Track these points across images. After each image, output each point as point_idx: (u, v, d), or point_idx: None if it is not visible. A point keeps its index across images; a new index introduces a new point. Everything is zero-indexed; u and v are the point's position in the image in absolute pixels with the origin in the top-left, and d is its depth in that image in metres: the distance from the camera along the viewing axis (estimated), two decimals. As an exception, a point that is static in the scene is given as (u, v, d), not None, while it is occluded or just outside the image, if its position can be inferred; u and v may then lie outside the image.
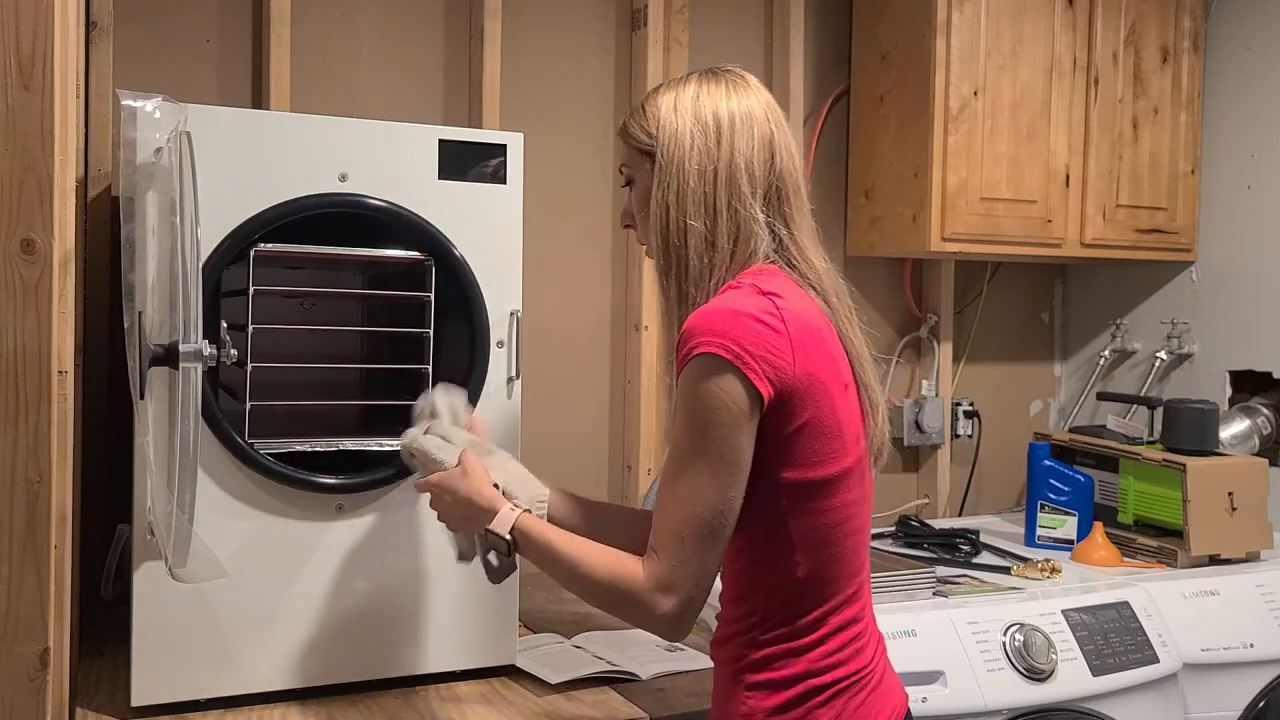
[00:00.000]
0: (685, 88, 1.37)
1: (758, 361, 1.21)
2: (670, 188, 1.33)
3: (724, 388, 1.21)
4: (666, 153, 1.34)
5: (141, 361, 1.34)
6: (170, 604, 1.57)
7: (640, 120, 1.38)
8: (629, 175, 1.42)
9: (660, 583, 1.23)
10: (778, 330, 1.23)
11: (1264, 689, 2.15)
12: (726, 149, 1.33)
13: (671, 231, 1.32)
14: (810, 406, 1.25)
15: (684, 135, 1.33)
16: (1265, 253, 2.70)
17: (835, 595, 1.31)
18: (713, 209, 1.32)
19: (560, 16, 2.49)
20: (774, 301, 1.25)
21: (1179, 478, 2.34)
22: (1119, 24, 2.71)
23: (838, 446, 1.28)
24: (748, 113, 1.36)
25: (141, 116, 1.45)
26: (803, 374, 1.24)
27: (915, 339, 2.92)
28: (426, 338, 1.71)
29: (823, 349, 1.28)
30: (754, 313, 1.23)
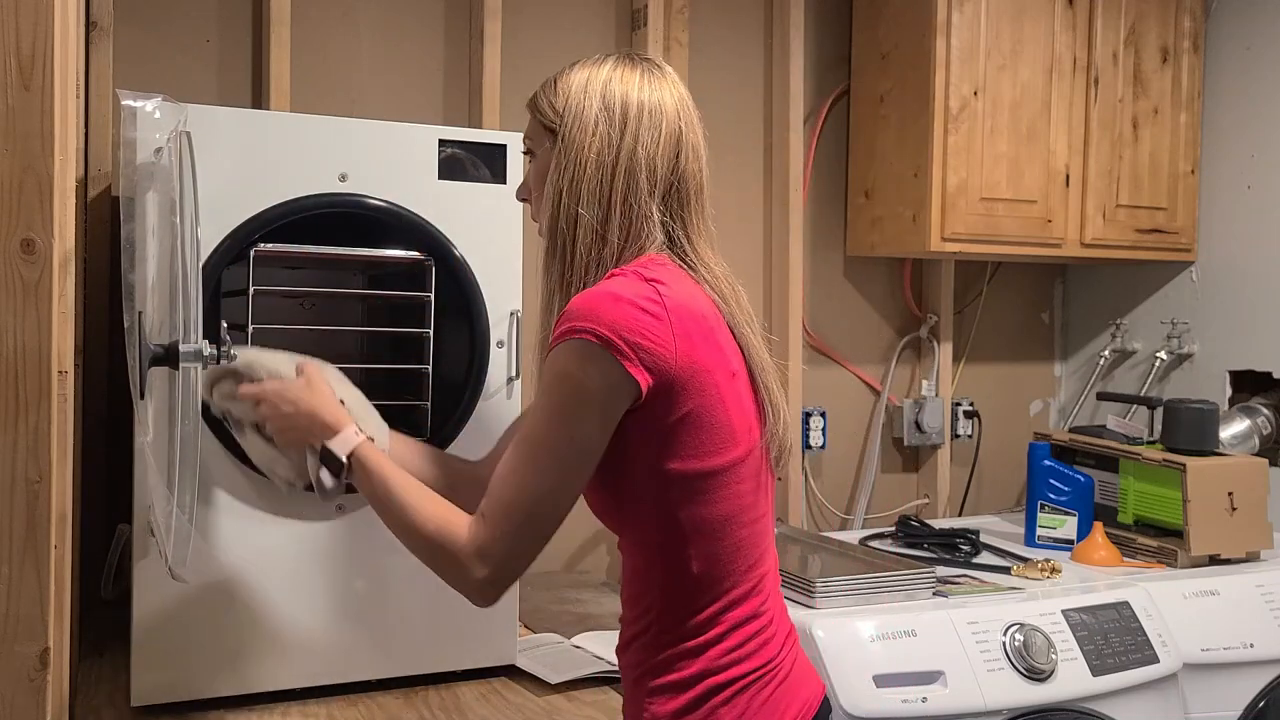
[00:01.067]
0: (600, 68, 1.32)
1: (635, 350, 1.18)
2: (566, 172, 1.29)
3: (591, 376, 1.18)
4: (568, 135, 1.29)
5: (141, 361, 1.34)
6: (170, 604, 1.57)
7: (549, 94, 1.33)
8: (530, 148, 1.37)
9: (480, 550, 1.21)
10: (658, 317, 1.19)
11: (1264, 689, 2.15)
12: (630, 140, 1.28)
13: (561, 217, 1.28)
14: (694, 395, 1.22)
15: (589, 119, 1.29)
16: (1265, 253, 2.70)
17: (732, 589, 1.27)
18: (607, 201, 1.27)
19: (560, 16, 2.49)
20: (656, 288, 1.21)
21: (1179, 478, 2.34)
22: (1119, 24, 2.71)
23: (725, 436, 1.24)
24: (658, 105, 1.30)
25: (141, 116, 1.45)
26: (685, 362, 1.20)
27: (915, 339, 2.93)
28: (426, 338, 1.71)
29: (709, 337, 1.24)
30: (634, 299, 1.19)
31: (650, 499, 1.25)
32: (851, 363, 2.86)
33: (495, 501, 1.22)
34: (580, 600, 2.21)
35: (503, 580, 1.23)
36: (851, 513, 2.86)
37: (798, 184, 2.68)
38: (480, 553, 1.22)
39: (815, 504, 2.81)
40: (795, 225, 2.67)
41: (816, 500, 2.81)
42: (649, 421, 1.22)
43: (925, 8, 2.53)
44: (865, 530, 2.68)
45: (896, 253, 2.71)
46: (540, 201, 1.34)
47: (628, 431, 1.22)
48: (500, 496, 1.22)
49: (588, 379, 1.18)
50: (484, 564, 1.22)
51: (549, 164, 1.31)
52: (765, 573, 1.32)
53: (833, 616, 1.89)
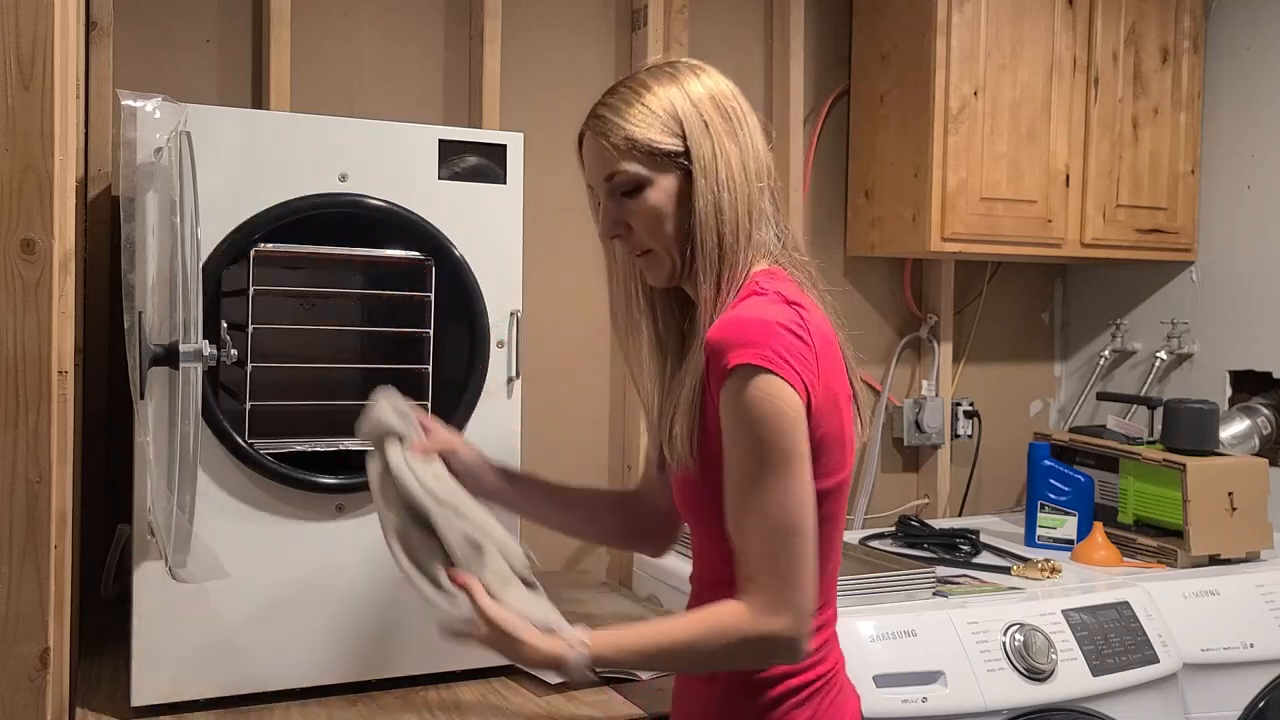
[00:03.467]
0: (684, 78, 1.29)
1: (790, 367, 1.18)
2: (716, 187, 1.26)
3: (772, 392, 1.17)
4: (703, 150, 1.26)
5: (141, 361, 1.34)
6: (170, 604, 1.57)
7: (648, 119, 1.27)
8: (635, 180, 1.28)
9: (770, 608, 1.18)
10: (806, 342, 1.21)
11: (1264, 689, 2.15)
12: (750, 138, 1.29)
13: (720, 231, 1.26)
14: (826, 420, 1.23)
15: (717, 128, 1.27)
16: (1265, 253, 2.70)
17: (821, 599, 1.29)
18: (751, 203, 1.27)
19: (560, 16, 2.49)
20: (799, 312, 1.22)
21: (1179, 478, 2.34)
22: (1119, 24, 2.71)
23: (842, 458, 1.28)
24: (747, 104, 1.32)
25: (141, 116, 1.45)
26: (824, 387, 1.23)
27: (915, 339, 2.92)
28: (426, 338, 1.71)
29: (836, 362, 1.26)
30: (785, 322, 1.20)
31: None
32: (851, 363, 2.85)
33: (751, 559, 1.20)
34: (580, 600, 2.21)
35: (805, 619, 1.20)
36: (851, 513, 2.86)
37: (798, 184, 2.68)
38: (771, 611, 1.18)
39: (815, 504, 2.81)
40: (795, 225, 2.67)
41: (816, 500, 2.81)
42: None
43: (925, 8, 2.53)
44: (865, 530, 2.68)
45: (896, 253, 2.71)
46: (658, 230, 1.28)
47: None
48: (754, 551, 1.20)
49: (771, 395, 1.18)
50: (780, 619, 1.18)
51: (673, 188, 1.27)
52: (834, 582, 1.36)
53: (833, 616, 1.89)
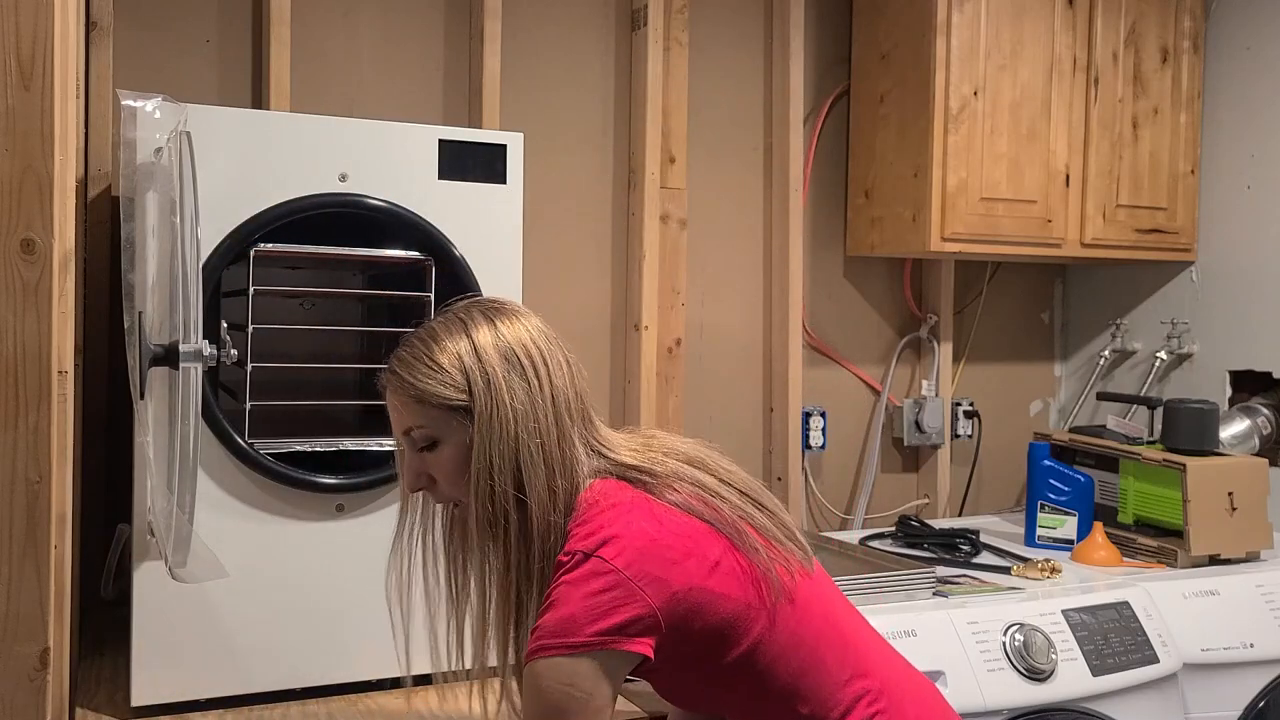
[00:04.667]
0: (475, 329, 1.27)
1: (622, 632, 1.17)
2: (494, 447, 1.23)
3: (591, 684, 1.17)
4: (485, 408, 1.23)
5: (141, 361, 1.34)
6: (170, 604, 1.57)
7: (437, 374, 1.25)
8: (428, 438, 1.27)
9: None
10: (619, 585, 1.17)
11: (1264, 689, 2.15)
12: (547, 388, 1.26)
13: (498, 494, 1.23)
14: (697, 613, 1.21)
15: (499, 383, 1.24)
16: (1265, 253, 2.70)
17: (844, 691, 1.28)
18: (548, 458, 1.24)
19: (560, 16, 2.49)
20: (602, 557, 1.18)
21: (1179, 478, 2.34)
22: (1119, 24, 2.71)
23: (743, 614, 1.23)
24: (545, 338, 1.29)
25: (141, 116, 1.45)
26: (667, 598, 1.19)
27: (915, 339, 2.92)
28: (426, 338, 1.71)
29: (666, 554, 1.20)
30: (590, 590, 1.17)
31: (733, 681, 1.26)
32: (851, 363, 2.86)
33: None
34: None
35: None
36: (851, 513, 2.86)
37: (798, 184, 2.68)
38: None
39: (815, 504, 2.81)
40: (795, 225, 2.67)
41: (816, 500, 2.81)
42: (680, 653, 1.22)
43: (925, 8, 2.53)
44: (865, 530, 2.68)
45: (896, 253, 2.71)
46: (458, 484, 1.28)
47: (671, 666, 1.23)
48: None
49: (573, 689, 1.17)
50: None
51: (465, 444, 1.25)
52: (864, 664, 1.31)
53: (833, 616, 1.88)
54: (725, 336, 2.67)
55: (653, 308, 2.52)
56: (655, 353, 2.50)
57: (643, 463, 1.30)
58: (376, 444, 1.69)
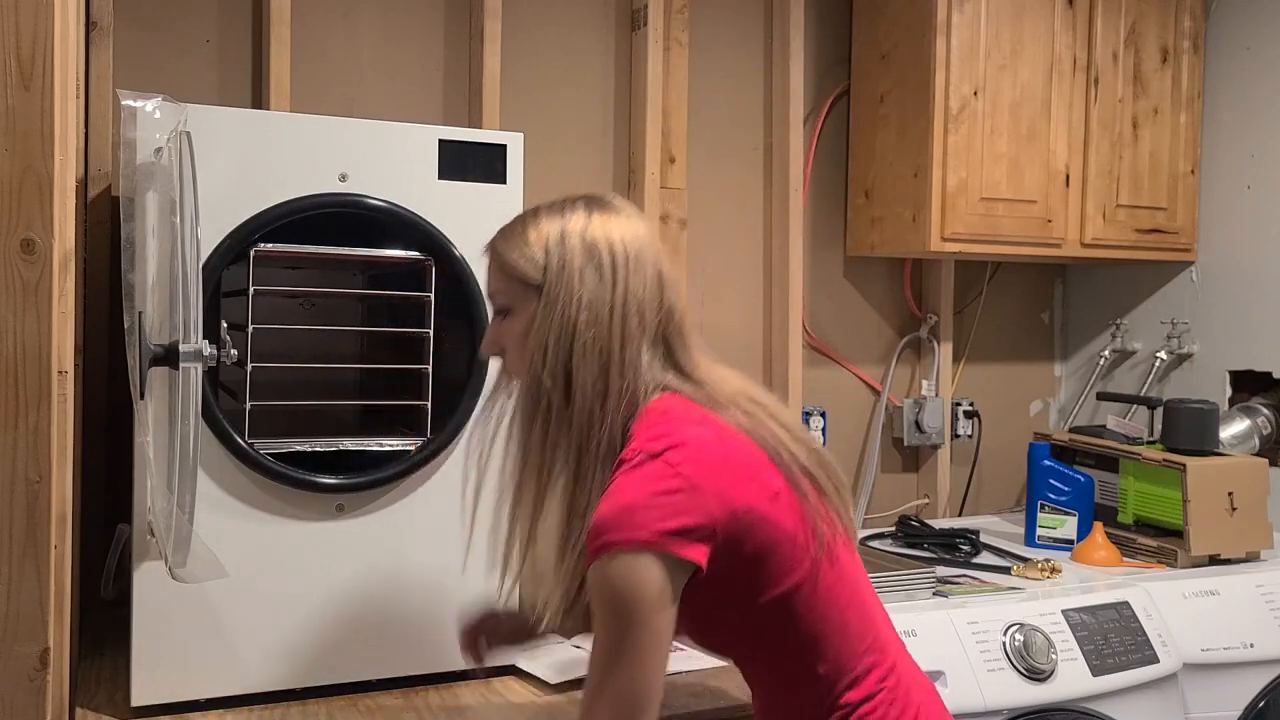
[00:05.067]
0: (573, 214, 1.30)
1: (680, 535, 1.17)
2: (553, 329, 1.25)
3: (647, 583, 1.17)
4: (554, 290, 1.26)
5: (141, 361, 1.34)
6: (170, 604, 1.57)
7: (523, 247, 1.29)
8: (504, 305, 1.32)
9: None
10: (683, 490, 1.18)
11: (1264, 689, 2.15)
12: (621, 289, 1.27)
13: (548, 373, 1.25)
14: (749, 537, 1.22)
15: (574, 271, 1.26)
16: (1265, 253, 2.70)
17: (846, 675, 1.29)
18: (604, 354, 1.25)
19: (560, 16, 2.49)
20: (668, 462, 1.20)
21: (1179, 478, 2.34)
22: (1119, 24, 2.71)
23: (788, 554, 1.24)
24: (639, 245, 1.29)
25: (141, 116, 1.45)
26: (726, 514, 1.20)
27: (915, 339, 2.92)
28: (426, 338, 1.71)
29: (736, 474, 1.22)
30: (655, 488, 1.18)
31: (760, 629, 1.27)
32: (851, 363, 2.86)
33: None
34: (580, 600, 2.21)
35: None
36: (851, 513, 2.86)
37: (798, 184, 2.68)
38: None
39: (815, 504, 2.81)
40: (795, 225, 2.67)
41: (816, 500, 2.81)
42: (724, 577, 1.22)
43: (925, 8, 2.53)
44: (865, 530, 2.68)
45: (896, 253, 2.71)
46: (521, 359, 1.30)
47: (710, 591, 1.23)
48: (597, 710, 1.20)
49: (643, 588, 1.17)
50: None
51: (531, 320, 1.28)
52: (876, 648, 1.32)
53: (833, 616, 1.89)
54: (725, 336, 2.66)
55: (653, 308, 2.51)
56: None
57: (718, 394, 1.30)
58: (376, 444, 1.69)
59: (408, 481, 1.69)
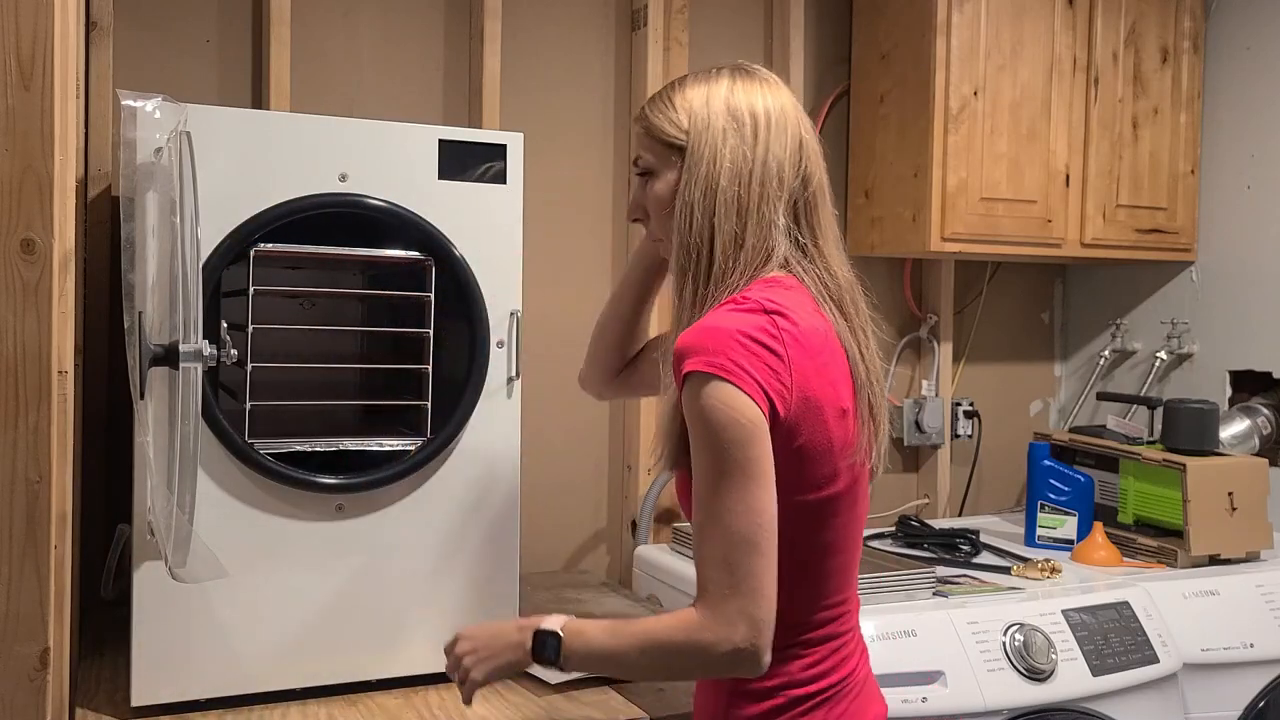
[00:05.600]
0: (717, 81, 1.33)
1: (749, 376, 1.18)
2: (698, 185, 1.29)
3: (725, 402, 1.17)
4: (698, 149, 1.30)
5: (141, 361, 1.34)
6: (170, 604, 1.57)
7: (668, 111, 1.34)
8: (648, 167, 1.36)
9: (724, 619, 1.16)
10: (774, 350, 1.21)
11: (1264, 689, 2.15)
12: (761, 149, 1.30)
13: (694, 231, 1.28)
14: (804, 431, 1.23)
15: (718, 131, 1.30)
16: (1265, 253, 2.70)
17: (820, 612, 1.30)
18: (743, 211, 1.28)
19: (560, 16, 2.49)
20: (775, 320, 1.22)
21: (1179, 478, 2.34)
22: (1119, 24, 2.71)
23: (829, 472, 1.26)
24: (781, 112, 1.33)
25: (141, 116, 1.45)
26: (799, 397, 1.22)
27: (915, 339, 2.92)
28: (426, 338, 1.71)
29: (823, 373, 1.25)
30: (748, 330, 1.20)
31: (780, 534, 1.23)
32: (851, 363, 2.85)
33: (706, 566, 1.18)
34: (580, 600, 2.21)
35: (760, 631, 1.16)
36: (851, 513, 2.86)
37: (798, 184, 2.68)
38: (722, 621, 1.16)
39: (815, 504, 2.81)
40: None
41: (816, 500, 2.81)
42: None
43: (925, 8, 2.53)
44: (865, 530, 2.67)
45: (896, 253, 2.71)
46: (665, 219, 1.34)
47: None
48: (708, 557, 1.18)
49: (724, 405, 1.18)
50: (733, 629, 1.15)
51: (675, 181, 1.32)
52: (850, 595, 1.35)
53: (833, 616, 1.88)
54: (725, 336, 2.66)
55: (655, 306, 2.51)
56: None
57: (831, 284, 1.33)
58: (376, 444, 1.69)
59: (408, 481, 1.69)
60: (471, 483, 1.73)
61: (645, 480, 2.50)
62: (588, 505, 2.54)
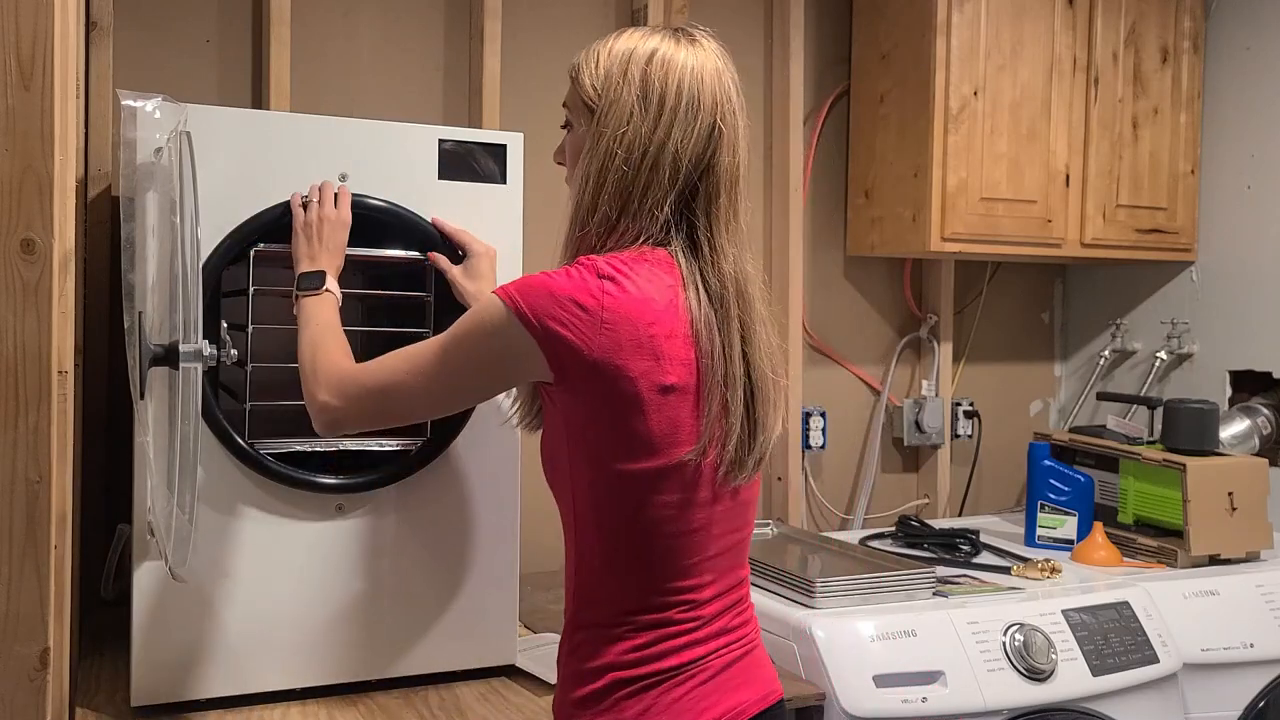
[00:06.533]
0: (645, 43, 1.29)
1: (547, 333, 1.21)
2: (595, 159, 1.28)
3: (499, 335, 1.24)
4: (603, 120, 1.28)
5: (141, 361, 1.34)
6: (170, 604, 1.57)
7: (591, 65, 1.31)
8: (569, 119, 1.36)
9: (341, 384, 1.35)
10: (590, 312, 1.21)
11: (1264, 689, 2.15)
12: (661, 134, 1.26)
13: (582, 203, 1.29)
14: (607, 397, 1.22)
15: (624, 107, 1.27)
16: (1265, 253, 2.70)
17: (655, 596, 1.27)
18: (627, 195, 1.27)
19: (560, 16, 2.49)
20: (604, 285, 1.22)
21: (1179, 478, 2.34)
22: (1119, 24, 2.71)
23: (639, 445, 1.23)
24: (695, 95, 1.27)
25: (141, 116, 1.45)
26: (602, 362, 1.21)
27: (915, 339, 2.92)
28: (426, 338, 1.71)
29: (644, 345, 1.22)
30: (571, 291, 1.22)
31: (570, 476, 1.29)
32: (851, 363, 2.86)
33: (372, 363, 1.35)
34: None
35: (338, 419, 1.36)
36: (851, 513, 2.86)
37: (798, 184, 2.68)
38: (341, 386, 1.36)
39: (815, 504, 2.81)
40: (795, 225, 2.67)
41: (816, 500, 2.81)
42: (566, 406, 1.26)
43: (925, 8, 2.53)
44: (865, 530, 2.68)
45: (896, 253, 2.71)
46: (571, 175, 1.35)
47: (554, 407, 1.29)
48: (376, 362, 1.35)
49: (494, 336, 1.25)
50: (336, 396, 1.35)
51: (582, 142, 1.32)
52: (700, 584, 1.30)
53: (833, 616, 1.89)
54: (725, 336, 2.66)
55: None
56: None
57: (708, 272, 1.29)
58: (376, 444, 1.69)
59: (408, 481, 1.69)
60: (471, 483, 1.73)
61: (645, 480, 2.49)
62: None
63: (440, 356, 1.30)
